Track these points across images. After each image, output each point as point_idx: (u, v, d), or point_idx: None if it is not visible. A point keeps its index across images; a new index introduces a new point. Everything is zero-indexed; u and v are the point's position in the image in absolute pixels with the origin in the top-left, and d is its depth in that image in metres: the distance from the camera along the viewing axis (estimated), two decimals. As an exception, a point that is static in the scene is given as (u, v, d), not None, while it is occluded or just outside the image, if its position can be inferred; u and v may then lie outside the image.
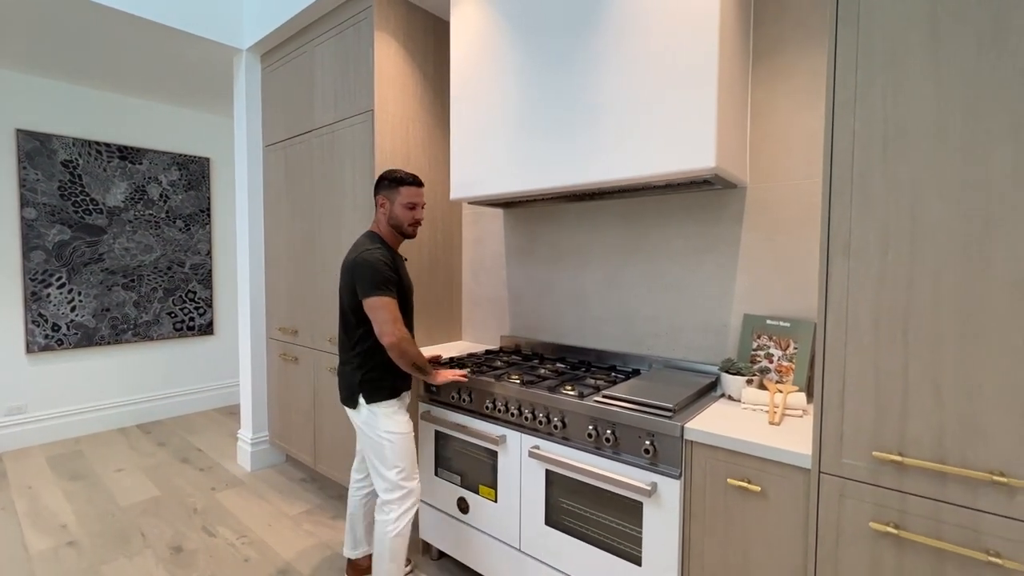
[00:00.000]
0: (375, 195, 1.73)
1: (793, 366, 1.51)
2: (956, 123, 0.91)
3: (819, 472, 1.07)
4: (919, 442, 0.95)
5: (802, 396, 1.39)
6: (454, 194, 2.02)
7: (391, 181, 1.69)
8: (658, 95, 1.45)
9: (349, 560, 1.88)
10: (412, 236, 1.74)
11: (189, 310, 3.84)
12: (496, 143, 1.86)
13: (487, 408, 1.71)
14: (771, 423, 1.29)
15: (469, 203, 2.29)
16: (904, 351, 0.97)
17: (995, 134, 0.88)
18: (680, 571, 1.29)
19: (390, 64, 2.17)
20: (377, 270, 1.56)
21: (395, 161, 2.20)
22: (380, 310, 1.53)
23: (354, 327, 1.64)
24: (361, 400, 1.62)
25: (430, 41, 2.34)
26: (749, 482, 1.17)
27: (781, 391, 1.40)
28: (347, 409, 1.69)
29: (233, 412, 3.93)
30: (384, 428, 1.61)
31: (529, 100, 1.76)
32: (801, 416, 1.34)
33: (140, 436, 3.41)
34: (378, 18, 2.11)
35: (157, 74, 3.12)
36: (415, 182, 1.71)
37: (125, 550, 2.08)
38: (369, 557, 1.85)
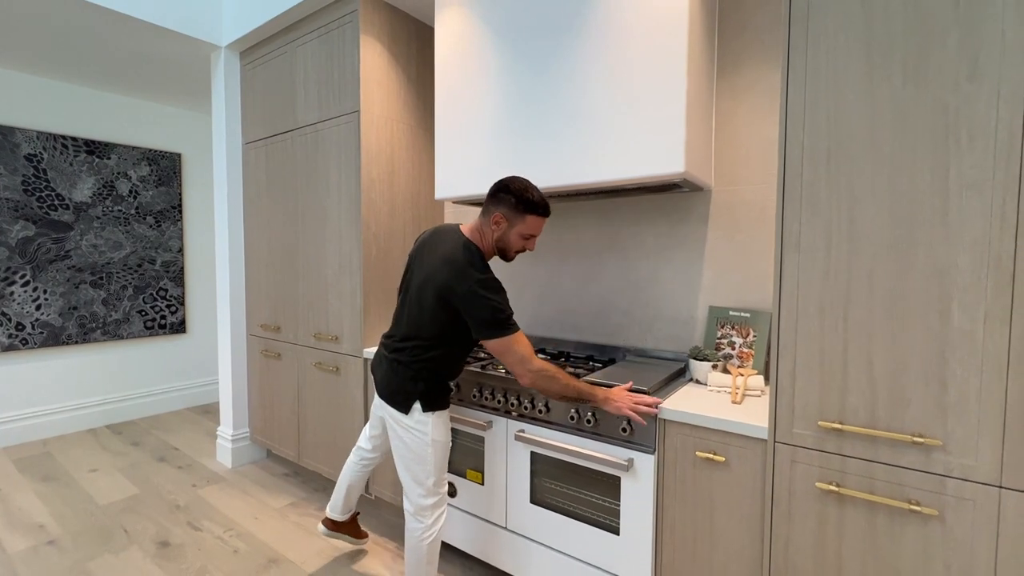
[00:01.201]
0: (492, 206, 1.50)
1: (753, 352, 1.68)
2: (886, 140, 1.07)
3: (774, 442, 1.22)
4: (856, 412, 1.12)
5: (760, 379, 1.55)
6: (439, 194, 2.11)
7: (521, 203, 1.46)
8: (632, 105, 1.58)
9: (329, 519, 1.93)
10: (509, 260, 1.58)
11: (160, 308, 3.78)
12: (479, 145, 1.96)
13: (474, 396, 1.81)
14: (734, 402, 1.44)
15: (453, 202, 2.38)
16: (844, 335, 1.13)
17: (918, 150, 1.04)
18: (654, 537, 1.43)
19: (375, 66, 2.23)
20: (495, 308, 1.40)
21: (380, 161, 2.27)
22: (509, 353, 1.40)
23: (427, 340, 1.52)
24: (417, 407, 1.53)
25: (413, 44, 2.41)
26: (715, 454, 1.32)
27: (742, 374, 1.56)
28: (387, 407, 1.59)
29: (207, 411, 3.89)
30: (433, 435, 1.55)
31: (511, 104, 1.87)
32: (760, 396, 1.50)
33: (111, 436, 3.35)
34: (364, 22, 2.17)
35: (129, 68, 3.06)
36: (546, 212, 1.50)
37: (109, 547, 2.08)
38: (353, 516, 1.97)
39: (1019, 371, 0.96)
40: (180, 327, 3.89)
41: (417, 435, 1.54)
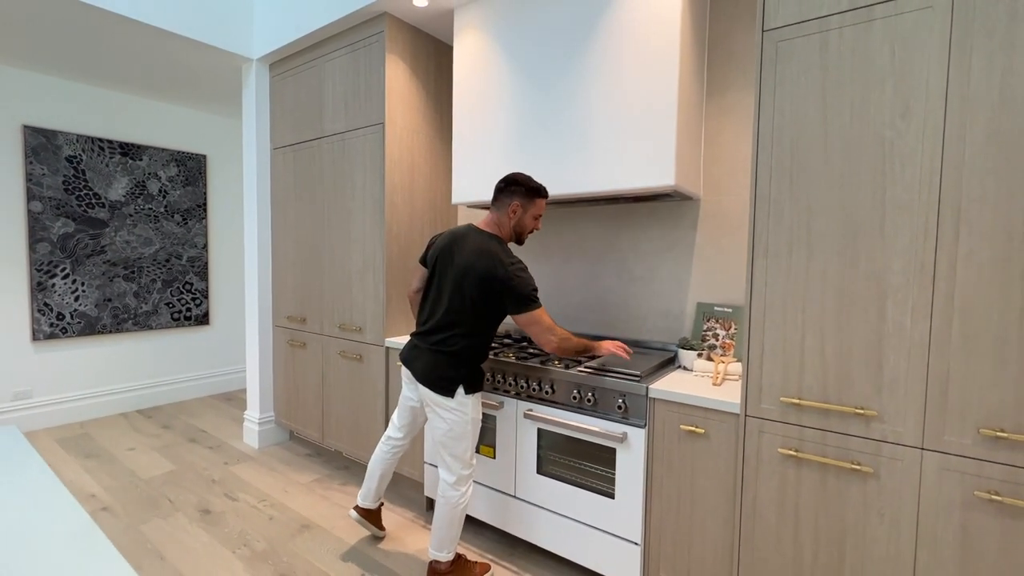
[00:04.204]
0: (506, 199, 1.75)
1: (734, 343, 1.91)
2: (837, 165, 1.30)
3: (745, 416, 1.45)
4: (811, 389, 1.35)
5: (739, 365, 1.77)
6: (455, 199, 2.34)
7: (529, 190, 1.74)
8: (629, 124, 1.81)
9: (361, 507, 2.05)
10: (523, 244, 1.85)
11: (186, 301, 4.01)
12: (493, 155, 2.19)
13: (488, 380, 2.05)
14: (714, 384, 1.67)
15: (467, 206, 2.60)
16: (802, 326, 1.36)
17: (862, 175, 1.27)
18: (644, 499, 1.67)
19: (398, 81, 2.46)
20: (530, 286, 1.66)
21: (402, 168, 2.50)
22: (537, 324, 1.65)
23: (467, 328, 1.71)
24: (460, 390, 1.71)
25: (432, 61, 2.64)
26: (696, 427, 1.55)
27: (723, 362, 1.79)
28: (428, 392, 1.75)
29: (229, 398, 4.13)
30: (472, 415, 1.74)
31: (522, 120, 2.09)
32: (738, 380, 1.73)
33: (142, 420, 3.59)
34: (389, 41, 2.40)
35: (164, 77, 3.29)
36: (547, 194, 1.80)
37: (157, 513, 2.32)
38: (379, 507, 2.12)
39: (937, 355, 1.18)
40: (204, 319, 4.13)
41: (459, 415, 1.72)
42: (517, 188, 1.74)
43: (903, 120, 1.21)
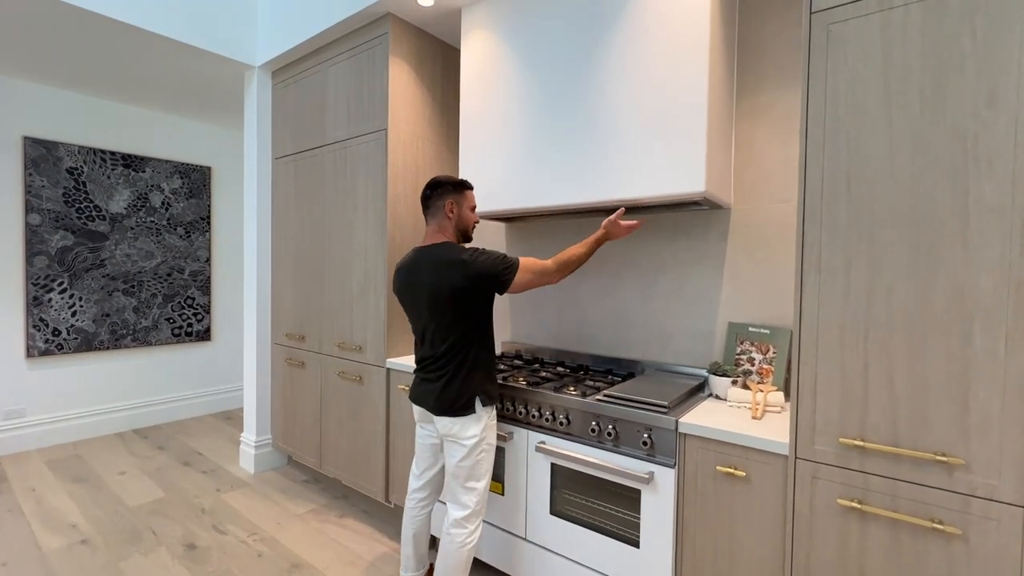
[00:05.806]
0: (437, 202, 1.66)
1: (772, 369, 1.69)
2: (905, 164, 1.10)
3: (795, 458, 1.24)
4: (877, 429, 1.13)
5: (780, 395, 1.56)
6: (462, 209, 2.17)
7: (454, 186, 1.68)
8: (654, 127, 1.63)
9: None
10: (471, 240, 1.77)
11: (187, 316, 3.89)
12: (502, 163, 2.02)
13: (496, 407, 1.85)
14: (754, 418, 1.46)
15: (474, 217, 2.44)
16: (864, 354, 1.15)
17: (937, 175, 1.07)
18: (675, 550, 1.45)
19: (402, 86, 2.32)
20: (498, 258, 1.56)
21: (406, 177, 2.34)
22: (530, 279, 1.57)
23: (460, 344, 1.59)
24: (478, 406, 1.58)
25: (438, 65, 2.50)
26: (735, 468, 1.34)
27: (762, 390, 1.58)
28: (446, 420, 1.60)
29: (229, 417, 3.98)
30: (488, 440, 1.61)
31: (534, 125, 1.93)
32: (780, 412, 1.52)
33: (138, 440, 3.44)
34: (393, 43, 2.26)
35: (165, 86, 3.21)
36: (471, 186, 1.76)
37: (139, 547, 2.15)
38: (430, 570, 1.84)
39: (1041, 392, 0.97)
40: (205, 335, 4.00)
41: (478, 438, 1.58)
42: (443, 187, 1.67)
43: (990, 108, 1.01)
